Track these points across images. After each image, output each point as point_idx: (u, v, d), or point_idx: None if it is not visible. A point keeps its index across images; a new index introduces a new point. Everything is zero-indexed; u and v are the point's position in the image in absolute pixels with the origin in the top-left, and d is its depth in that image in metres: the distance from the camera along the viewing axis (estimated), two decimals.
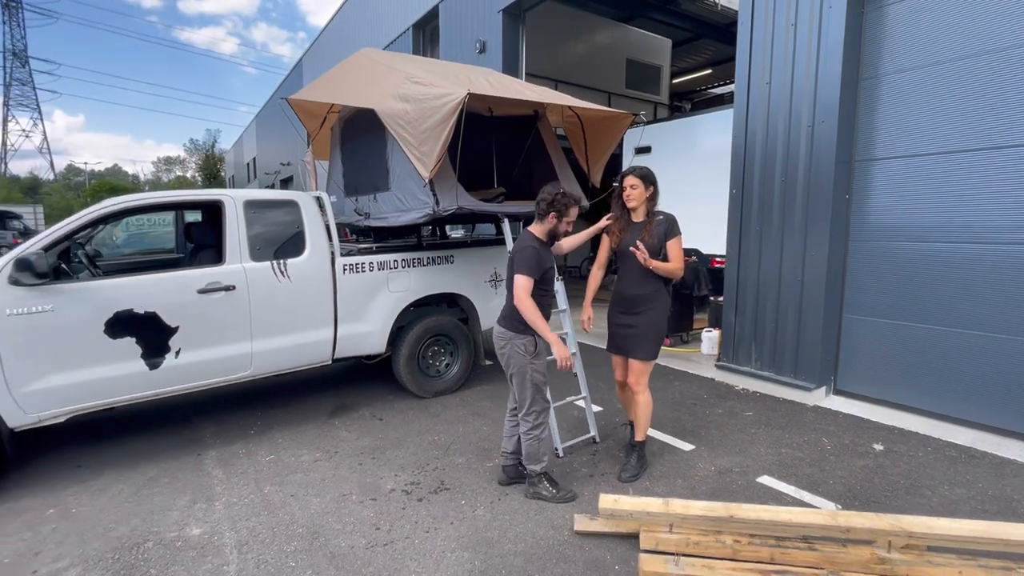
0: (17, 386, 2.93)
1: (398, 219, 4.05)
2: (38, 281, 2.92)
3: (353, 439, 3.78)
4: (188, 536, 2.64)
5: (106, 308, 3.16)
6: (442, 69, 4.29)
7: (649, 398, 3.20)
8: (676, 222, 3.09)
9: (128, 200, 3.41)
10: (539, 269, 2.81)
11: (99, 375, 3.17)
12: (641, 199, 3.05)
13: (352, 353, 4.23)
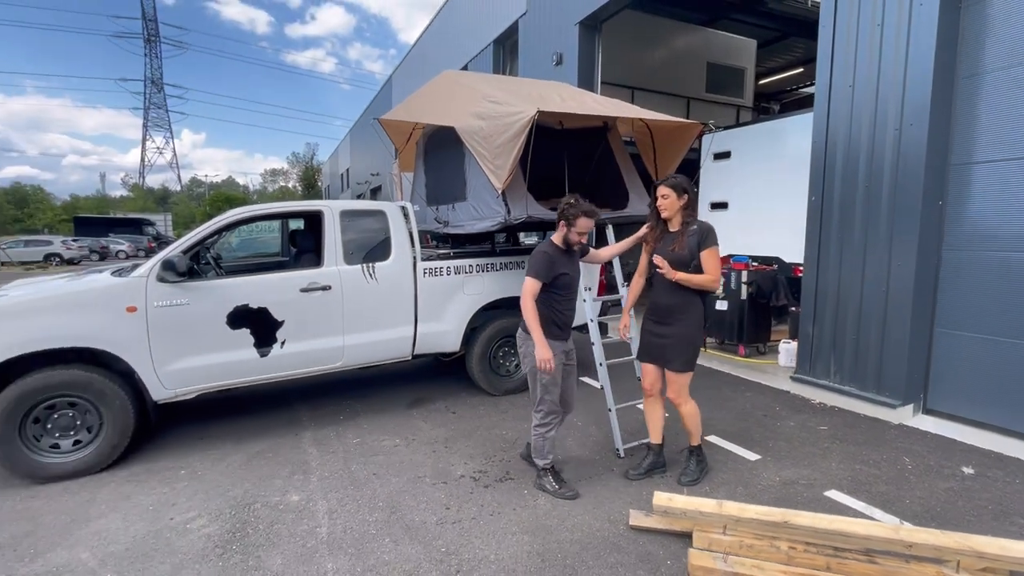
0: (161, 365, 3.53)
1: (473, 227, 4.36)
2: (178, 279, 3.51)
3: (428, 429, 4.11)
4: (288, 501, 3.06)
5: (227, 303, 3.71)
6: (517, 87, 4.56)
7: (693, 408, 3.17)
8: (712, 232, 3.01)
9: (246, 211, 3.99)
10: (548, 273, 2.99)
11: (221, 360, 3.73)
12: (674, 208, 3.02)
13: (430, 350, 4.58)
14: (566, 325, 3.15)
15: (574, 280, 3.14)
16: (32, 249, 24.56)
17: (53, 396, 3.27)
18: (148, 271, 3.49)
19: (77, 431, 3.37)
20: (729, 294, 6.18)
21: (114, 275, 3.67)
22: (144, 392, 3.54)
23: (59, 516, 2.90)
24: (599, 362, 3.71)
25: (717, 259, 2.97)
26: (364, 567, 2.45)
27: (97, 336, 3.36)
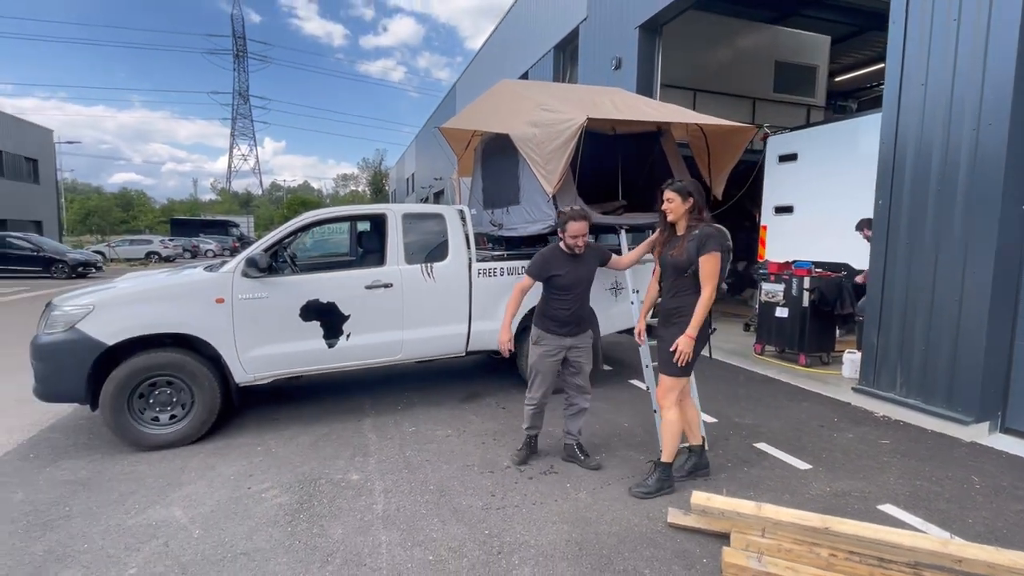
0: (243, 352, 3.94)
1: (526, 229, 4.53)
2: (260, 274, 3.91)
3: (479, 422, 4.31)
4: (349, 479, 3.34)
5: (301, 297, 4.08)
6: (570, 94, 4.69)
7: (675, 416, 3.04)
8: (713, 237, 2.85)
9: (318, 214, 4.37)
10: (539, 272, 3.31)
11: (294, 349, 4.10)
12: (679, 212, 2.96)
13: (482, 347, 4.78)
14: (562, 322, 3.34)
15: (575, 282, 3.29)
16: (135, 247, 27.32)
17: (155, 375, 3.74)
18: (234, 267, 3.91)
19: (173, 407, 3.83)
20: (790, 301, 5.98)
21: (206, 270, 4.13)
22: (228, 375, 3.96)
23: (157, 479, 3.33)
24: (646, 364, 3.76)
25: (714, 265, 2.82)
26: (414, 542, 2.66)
27: (191, 324, 3.81)
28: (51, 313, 3.67)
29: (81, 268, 17.83)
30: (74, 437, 4.03)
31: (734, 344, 7.21)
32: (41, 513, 2.93)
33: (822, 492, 3.15)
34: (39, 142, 27.59)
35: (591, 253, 3.39)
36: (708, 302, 2.85)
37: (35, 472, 3.44)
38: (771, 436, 3.98)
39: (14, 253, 17.45)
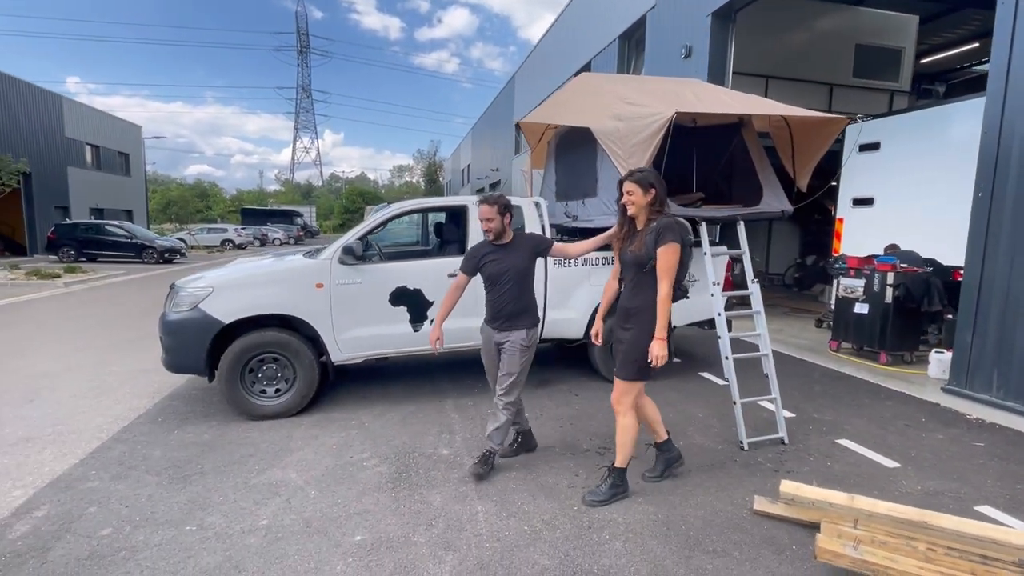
0: (339, 333, 4.26)
1: (604, 221, 4.60)
2: (355, 262, 4.21)
3: (554, 407, 4.46)
4: (440, 454, 3.58)
5: (390, 284, 4.36)
6: (652, 87, 4.71)
7: (631, 422, 2.88)
8: (671, 228, 2.66)
9: (407, 205, 4.64)
10: (467, 264, 3.22)
11: (383, 332, 4.39)
12: (640, 205, 2.75)
13: (555, 336, 4.93)
14: (492, 315, 3.22)
15: (500, 273, 3.11)
16: (212, 236, 29.25)
17: (263, 352, 4.11)
18: (332, 254, 4.23)
19: (278, 381, 4.20)
20: (871, 297, 5.78)
21: (306, 256, 4.48)
22: (325, 354, 4.30)
23: (270, 445, 3.69)
24: (725, 355, 3.79)
25: (672, 258, 2.64)
26: (508, 513, 2.85)
27: (294, 306, 4.15)
28: (177, 294, 4.11)
29: (168, 254, 19.32)
30: (192, 405, 4.49)
31: (807, 340, 7.03)
32: (179, 469, 3.33)
33: (912, 491, 3.11)
34: (129, 137, 29.91)
35: (524, 242, 3.20)
36: (668, 298, 2.67)
37: (166, 434, 3.89)
38: (854, 433, 3.92)
39: (111, 239, 19.13)
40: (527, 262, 3.17)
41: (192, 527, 2.70)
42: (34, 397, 4.66)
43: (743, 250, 4.08)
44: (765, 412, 4.27)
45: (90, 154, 26.19)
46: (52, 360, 5.86)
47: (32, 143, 21.72)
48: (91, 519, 2.76)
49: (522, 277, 3.15)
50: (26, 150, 20.37)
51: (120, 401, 4.57)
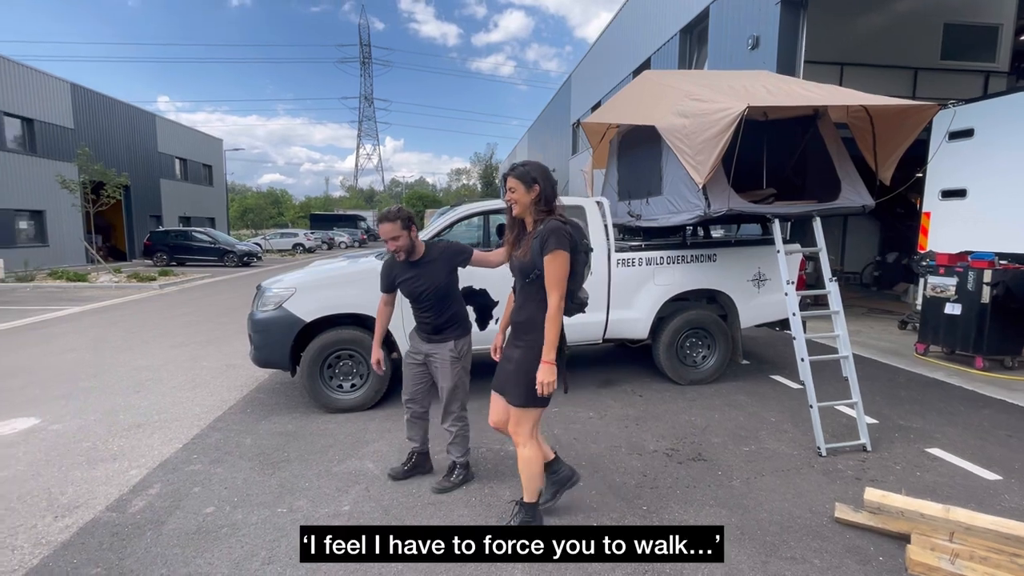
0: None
1: (668, 220, 4.55)
2: None
3: (618, 408, 4.45)
4: (507, 450, 3.66)
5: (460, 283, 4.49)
6: (719, 81, 4.60)
7: (530, 453, 2.48)
8: (557, 232, 2.27)
9: (474, 207, 4.78)
10: (383, 283, 3.09)
11: None
12: (524, 204, 2.37)
13: (619, 336, 4.91)
14: (420, 327, 3.08)
15: (420, 292, 2.93)
16: (285, 240, 31.07)
17: (340, 349, 4.36)
18: None
19: (353, 376, 4.43)
20: (964, 296, 5.35)
21: (377, 259, 4.70)
22: (396, 351, 4.49)
23: (348, 437, 3.91)
24: (800, 357, 3.64)
25: (558, 268, 2.26)
26: (577, 509, 2.88)
27: (368, 305, 4.36)
28: (263, 294, 4.43)
29: (246, 258, 20.71)
30: (276, 398, 4.83)
31: (890, 343, 6.60)
32: (268, 456, 3.61)
33: (1017, 505, 2.87)
34: (212, 150, 32.29)
35: (439, 255, 2.97)
36: (558, 314, 2.29)
37: (255, 423, 4.20)
38: (947, 442, 3.66)
39: (197, 245, 20.74)
40: (444, 278, 2.96)
41: (283, 509, 2.92)
42: (140, 388, 5.16)
43: (820, 247, 3.91)
44: (844, 417, 4.07)
45: (179, 167, 28.51)
46: (153, 355, 6.46)
47: (131, 158, 23.92)
48: (196, 498, 3.05)
49: (444, 292, 2.96)
50: (126, 165, 22.45)
51: (213, 393, 4.98)
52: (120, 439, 3.93)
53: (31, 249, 18.42)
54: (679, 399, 4.61)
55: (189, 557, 2.50)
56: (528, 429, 2.47)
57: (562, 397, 4.66)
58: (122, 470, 3.42)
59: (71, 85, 21.21)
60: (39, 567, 2.45)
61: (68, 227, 20.35)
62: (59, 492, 3.14)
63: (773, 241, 4.12)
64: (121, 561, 2.48)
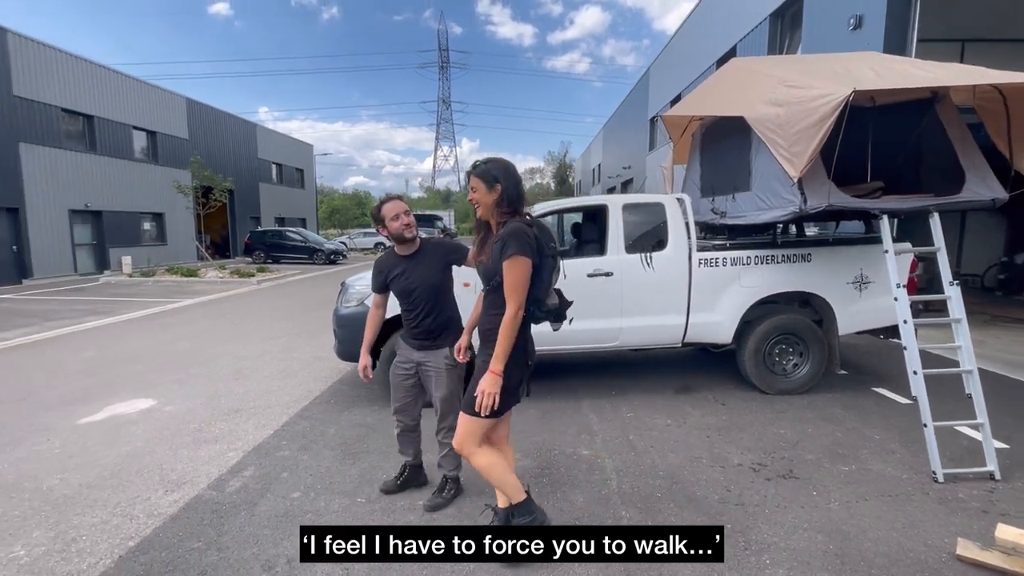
0: None
1: (757, 217, 4.24)
2: None
3: (698, 416, 4.21)
4: (580, 454, 3.58)
5: None
6: (816, 65, 4.22)
7: (485, 460, 2.32)
8: (516, 236, 2.12)
9: (546, 206, 4.71)
10: (375, 283, 2.92)
11: None
12: (486, 205, 2.24)
13: (700, 340, 4.65)
14: (412, 332, 2.87)
15: (411, 290, 2.78)
16: (367, 239, 32.74)
17: None
18: None
19: None
20: None
21: None
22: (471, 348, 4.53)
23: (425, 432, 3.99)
24: (913, 370, 3.26)
25: (517, 274, 2.12)
26: (654, 521, 2.75)
27: None
28: (347, 291, 4.64)
29: (333, 256, 22.03)
30: (357, 390, 5.05)
31: (1019, 356, 5.77)
32: (349, 446, 3.76)
33: None
34: (304, 155, 34.62)
35: (434, 252, 2.83)
36: (512, 323, 2.13)
37: (338, 414, 4.41)
38: None
39: (289, 243, 22.34)
40: (438, 276, 2.82)
41: (362, 499, 3.03)
42: (239, 376, 5.59)
43: (938, 246, 3.47)
44: (965, 440, 3.60)
45: (275, 171, 30.82)
46: (251, 346, 6.99)
47: (235, 164, 26.17)
48: (284, 483, 3.24)
49: (436, 292, 2.81)
50: (231, 170, 24.58)
51: (302, 384, 5.30)
52: (221, 422, 4.27)
53: (153, 248, 20.68)
54: (766, 409, 4.30)
55: (277, 539, 2.64)
56: (476, 440, 2.30)
57: (638, 403, 4.51)
58: (222, 452, 3.71)
59: (187, 100, 23.55)
60: (151, 537, 2.69)
61: (182, 228, 22.64)
62: (169, 469, 3.46)
63: (878, 240, 3.72)
64: (219, 538, 2.67)
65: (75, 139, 18.10)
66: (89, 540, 2.68)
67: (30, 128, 16.17)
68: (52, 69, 17.00)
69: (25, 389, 5.27)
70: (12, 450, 3.80)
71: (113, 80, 19.60)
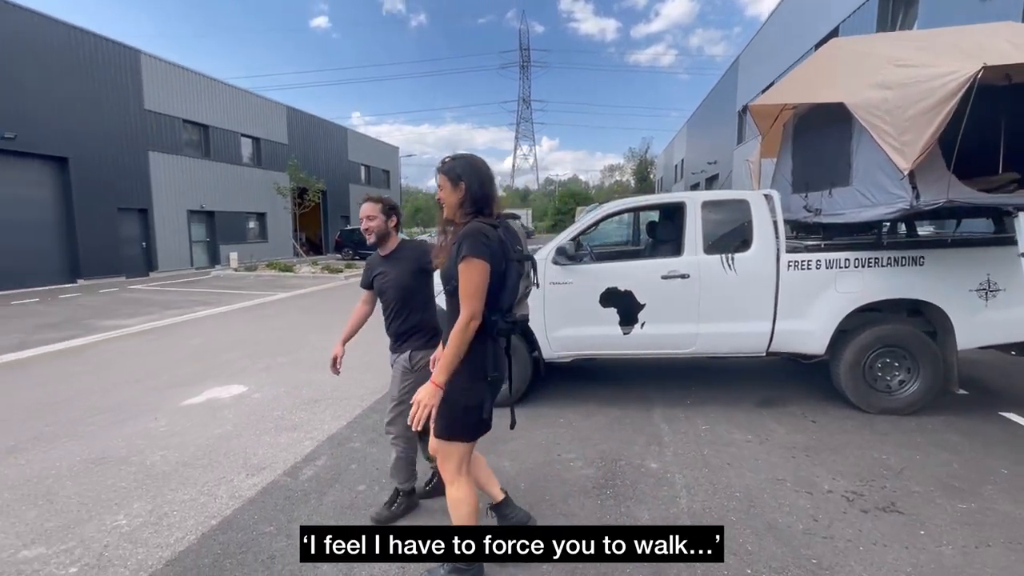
0: (550, 331, 4.38)
1: (858, 215, 3.80)
2: (567, 262, 4.27)
3: (783, 432, 3.85)
4: (648, 467, 3.38)
5: (600, 285, 4.29)
6: (934, 40, 3.68)
7: (460, 495, 2.13)
8: (471, 237, 1.95)
9: (619, 204, 4.54)
10: (363, 278, 2.95)
11: (592, 333, 4.36)
12: (451, 205, 2.09)
13: (787, 349, 4.26)
14: (394, 336, 2.85)
15: (385, 289, 2.77)
16: None
17: None
18: (547, 255, 4.35)
19: None
20: None
21: None
22: (537, 350, 4.46)
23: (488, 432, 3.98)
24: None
25: (471, 278, 1.92)
26: (728, 551, 2.52)
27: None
28: None
29: None
30: None
31: None
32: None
33: None
34: (390, 157, 36.29)
35: (409, 254, 2.77)
36: (463, 333, 1.92)
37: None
38: None
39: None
40: (409, 278, 2.75)
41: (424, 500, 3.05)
42: (321, 367, 5.90)
43: None
44: None
45: (364, 173, 32.55)
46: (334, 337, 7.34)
47: (327, 167, 27.94)
48: (352, 475, 3.35)
49: (407, 294, 2.75)
50: (324, 173, 26.28)
51: (377, 378, 5.49)
52: (300, 411, 4.51)
53: (256, 245, 22.61)
54: (865, 431, 3.84)
55: None
56: (454, 465, 2.13)
57: (715, 416, 4.21)
58: (299, 440, 3.91)
59: (287, 108, 25.46)
60: (231, 517, 2.88)
61: (282, 226, 24.52)
62: (252, 453, 3.70)
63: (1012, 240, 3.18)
64: (289, 523, 2.80)
65: (193, 147, 20.15)
66: (179, 515, 2.91)
67: (157, 138, 18.21)
68: (175, 84, 19.03)
69: (142, 371, 5.90)
70: (126, 426, 4.25)
71: (225, 92, 21.60)
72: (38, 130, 14.24)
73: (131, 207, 17.26)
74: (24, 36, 13.98)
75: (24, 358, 6.69)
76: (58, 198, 15.22)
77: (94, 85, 15.94)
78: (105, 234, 16.17)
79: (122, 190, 16.82)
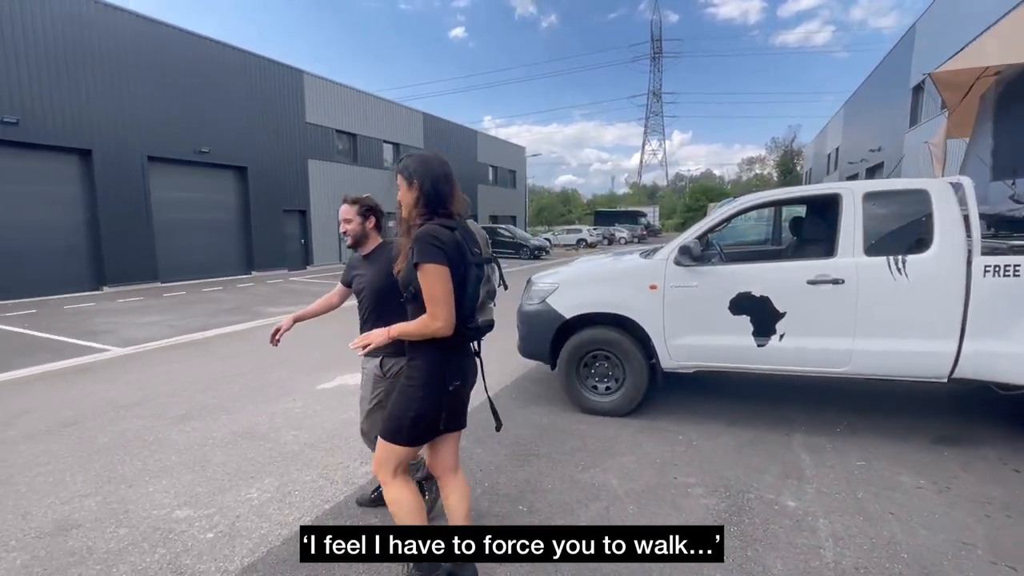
0: (670, 338, 3.99)
1: None
2: (692, 263, 3.85)
3: (972, 481, 3.07)
4: (783, 504, 2.89)
5: (731, 289, 3.81)
6: None
7: (395, 495, 2.08)
8: (422, 241, 1.86)
9: (757, 198, 3.98)
10: (344, 275, 2.88)
11: (719, 343, 3.89)
12: (408, 205, 2.02)
13: (980, 376, 3.40)
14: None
15: (360, 289, 2.72)
16: (570, 236, 33.71)
17: (596, 349, 4.21)
18: (668, 255, 3.98)
19: (608, 379, 4.24)
20: None
21: (642, 256, 4.38)
22: (655, 358, 4.10)
23: (596, 443, 3.74)
24: None
25: (433, 283, 1.85)
26: None
27: (627, 306, 4.10)
28: (531, 288, 4.63)
29: (537, 251, 23.21)
30: (538, 388, 5.03)
31: None
32: (521, 446, 3.72)
33: None
34: (516, 157, 37.10)
35: (385, 255, 2.62)
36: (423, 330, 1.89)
37: (515, 410, 4.43)
38: None
39: (499, 239, 24.17)
40: (382, 280, 2.57)
41: (523, 507, 2.92)
42: None
43: None
44: None
45: (491, 173, 33.67)
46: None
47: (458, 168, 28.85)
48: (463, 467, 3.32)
49: (381, 296, 2.61)
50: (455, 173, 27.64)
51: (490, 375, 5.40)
52: None
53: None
54: None
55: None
56: (391, 467, 2.09)
57: (875, 450, 3.52)
58: None
59: (423, 115, 27.20)
60: (342, 503, 3.01)
61: None
62: None
63: None
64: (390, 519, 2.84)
65: (343, 154, 22.40)
66: (300, 495, 3.11)
67: (315, 147, 20.55)
68: (330, 98, 21.29)
69: (287, 355, 6.58)
70: (270, 404, 4.73)
71: (371, 103, 23.69)
72: (224, 144, 16.84)
73: (293, 208, 19.69)
74: (209, 62, 16.56)
75: (206, 337, 7.86)
76: (239, 202, 17.88)
77: (265, 102, 18.42)
78: (273, 232, 18.65)
79: (287, 194, 19.26)
